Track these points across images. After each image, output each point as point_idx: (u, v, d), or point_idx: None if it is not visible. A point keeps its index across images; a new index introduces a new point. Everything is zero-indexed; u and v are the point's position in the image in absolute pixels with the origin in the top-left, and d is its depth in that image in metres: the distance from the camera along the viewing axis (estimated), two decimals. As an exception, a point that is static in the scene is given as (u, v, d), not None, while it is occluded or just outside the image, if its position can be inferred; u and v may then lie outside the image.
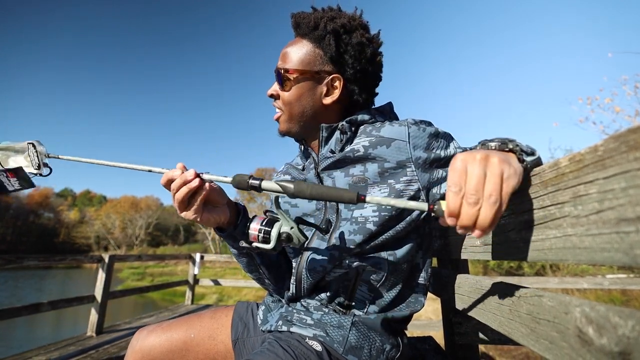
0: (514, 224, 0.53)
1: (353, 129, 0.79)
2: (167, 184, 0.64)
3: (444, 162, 0.73)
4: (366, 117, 0.79)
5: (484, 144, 0.55)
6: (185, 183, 0.62)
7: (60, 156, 0.76)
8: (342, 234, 0.73)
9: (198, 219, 0.66)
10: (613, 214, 0.32)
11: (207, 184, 0.66)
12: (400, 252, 0.74)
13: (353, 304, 0.74)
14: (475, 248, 0.72)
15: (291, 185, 0.55)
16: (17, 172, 0.75)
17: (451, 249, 0.89)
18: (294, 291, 0.80)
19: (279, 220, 0.64)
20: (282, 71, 0.77)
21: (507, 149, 0.52)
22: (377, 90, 0.86)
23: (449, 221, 0.44)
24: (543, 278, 4.78)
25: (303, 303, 0.79)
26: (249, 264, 0.83)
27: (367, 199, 0.50)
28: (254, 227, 0.64)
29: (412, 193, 0.71)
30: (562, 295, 0.44)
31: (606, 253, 0.33)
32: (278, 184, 0.56)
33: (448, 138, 0.76)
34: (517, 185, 0.43)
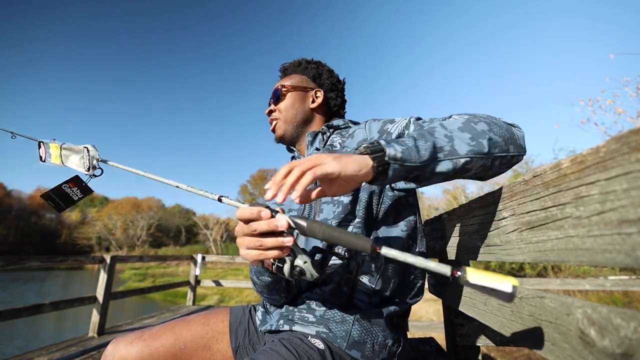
0: (515, 225, 0.53)
1: (331, 130, 0.96)
2: (246, 221, 0.54)
3: (396, 136, 0.78)
4: (340, 122, 0.97)
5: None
6: (274, 230, 0.51)
7: (109, 162, 0.82)
8: (327, 215, 0.78)
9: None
10: (615, 215, 0.32)
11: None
12: (393, 241, 0.77)
13: (356, 295, 0.75)
14: (476, 249, 0.72)
15: (304, 223, 0.50)
16: (76, 181, 0.86)
17: (452, 250, 0.89)
18: (294, 289, 0.80)
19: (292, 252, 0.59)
20: (280, 87, 1.01)
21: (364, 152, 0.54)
22: (345, 107, 1.10)
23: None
24: (545, 279, 4.77)
25: (305, 300, 0.78)
26: (271, 286, 0.77)
27: (383, 251, 0.44)
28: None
29: None
30: (563, 296, 0.44)
31: (608, 254, 0.33)
32: (291, 220, 0.51)
33: (400, 120, 0.82)
34: (329, 171, 0.49)
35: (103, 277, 3.58)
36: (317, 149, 0.93)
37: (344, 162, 0.50)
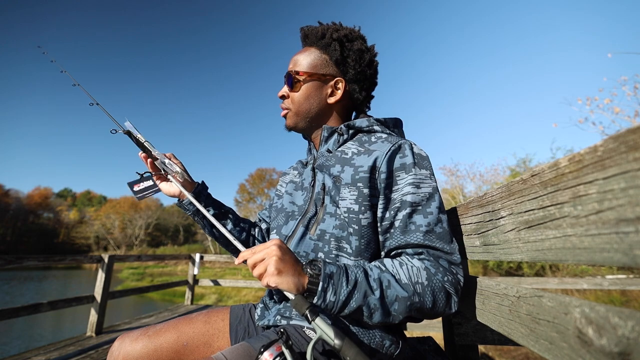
0: (513, 224, 0.53)
1: (351, 132, 0.86)
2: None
3: (393, 193, 0.72)
4: (364, 124, 0.85)
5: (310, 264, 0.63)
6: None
7: (188, 197, 0.93)
8: (326, 227, 0.76)
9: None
10: (612, 215, 0.32)
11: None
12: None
13: None
14: (474, 248, 0.72)
15: (339, 342, 0.52)
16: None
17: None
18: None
19: None
20: (293, 73, 0.88)
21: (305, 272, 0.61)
22: (373, 93, 0.96)
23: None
24: (543, 278, 4.79)
25: None
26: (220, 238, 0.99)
27: None
28: (266, 357, 0.58)
29: (375, 201, 0.74)
30: (561, 295, 0.44)
31: (606, 253, 0.33)
32: (331, 329, 0.54)
33: (416, 181, 0.72)
34: (270, 285, 0.58)
35: (101, 276, 3.57)
36: (329, 151, 0.87)
37: (283, 279, 0.58)
